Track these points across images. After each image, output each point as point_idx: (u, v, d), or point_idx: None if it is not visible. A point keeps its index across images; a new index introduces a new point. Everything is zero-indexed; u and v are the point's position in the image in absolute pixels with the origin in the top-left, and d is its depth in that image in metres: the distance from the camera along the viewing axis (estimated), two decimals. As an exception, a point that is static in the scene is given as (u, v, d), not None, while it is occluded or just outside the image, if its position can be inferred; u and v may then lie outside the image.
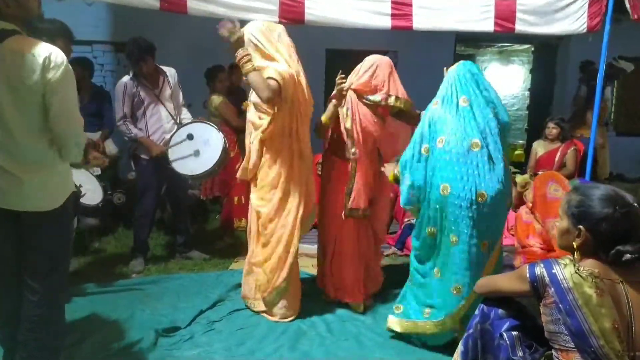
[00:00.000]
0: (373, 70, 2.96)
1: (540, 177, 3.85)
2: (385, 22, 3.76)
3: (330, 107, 3.04)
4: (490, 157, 2.45)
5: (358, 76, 3.00)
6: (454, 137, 2.46)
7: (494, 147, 2.46)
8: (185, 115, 3.79)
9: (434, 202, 2.50)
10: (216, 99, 4.40)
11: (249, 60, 2.66)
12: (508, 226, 4.27)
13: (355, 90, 3.01)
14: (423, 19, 3.76)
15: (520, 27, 3.89)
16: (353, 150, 2.96)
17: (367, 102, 2.99)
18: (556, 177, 3.73)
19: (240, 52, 2.68)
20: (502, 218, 2.61)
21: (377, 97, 2.97)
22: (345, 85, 2.97)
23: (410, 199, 2.58)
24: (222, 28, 2.71)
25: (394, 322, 2.71)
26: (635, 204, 1.62)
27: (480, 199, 2.41)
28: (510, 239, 4.22)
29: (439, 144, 2.49)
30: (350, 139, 2.96)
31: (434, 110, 2.58)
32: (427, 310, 2.59)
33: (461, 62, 2.63)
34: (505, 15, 3.84)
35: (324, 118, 3.06)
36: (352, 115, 2.96)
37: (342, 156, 3.05)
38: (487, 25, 3.85)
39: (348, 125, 2.96)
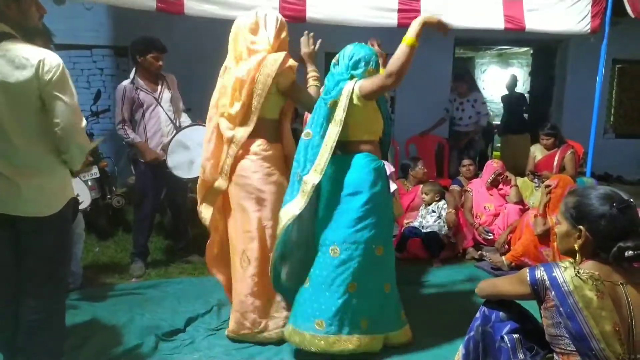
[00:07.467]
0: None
1: (564, 179, 3.73)
2: (392, 19, 3.61)
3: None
4: None
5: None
6: None
7: None
8: (185, 120, 3.78)
9: None
10: None
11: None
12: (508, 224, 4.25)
13: None
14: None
15: (530, 25, 3.85)
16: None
17: None
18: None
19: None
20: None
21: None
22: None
23: None
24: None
25: None
26: (632, 200, 1.63)
27: None
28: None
29: None
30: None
31: None
32: None
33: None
34: (513, 13, 3.80)
35: None
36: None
37: None
38: (497, 22, 3.80)
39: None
